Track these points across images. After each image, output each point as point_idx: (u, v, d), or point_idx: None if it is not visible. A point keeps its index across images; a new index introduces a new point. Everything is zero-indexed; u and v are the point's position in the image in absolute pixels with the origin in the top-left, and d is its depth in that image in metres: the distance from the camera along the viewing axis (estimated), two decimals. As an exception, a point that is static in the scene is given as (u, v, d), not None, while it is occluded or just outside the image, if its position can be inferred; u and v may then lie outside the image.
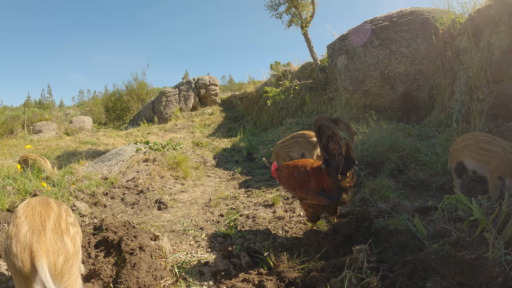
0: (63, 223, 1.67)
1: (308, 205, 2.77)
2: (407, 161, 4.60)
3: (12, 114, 16.05)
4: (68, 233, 1.65)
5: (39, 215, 1.59)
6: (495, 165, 3.08)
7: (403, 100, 6.46)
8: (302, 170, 2.78)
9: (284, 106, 10.59)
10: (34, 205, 1.66)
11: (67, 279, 1.54)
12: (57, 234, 1.57)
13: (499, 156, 3.05)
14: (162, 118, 14.39)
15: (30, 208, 1.63)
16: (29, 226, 1.51)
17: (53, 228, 1.58)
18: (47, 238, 1.50)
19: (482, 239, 2.44)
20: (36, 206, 1.66)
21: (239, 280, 2.19)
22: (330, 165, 2.55)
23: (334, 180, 2.53)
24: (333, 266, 2.05)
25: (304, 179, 2.72)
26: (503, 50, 4.26)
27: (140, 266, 2.21)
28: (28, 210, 1.62)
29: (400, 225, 2.86)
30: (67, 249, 1.57)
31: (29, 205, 1.66)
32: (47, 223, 1.57)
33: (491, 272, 1.98)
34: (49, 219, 1.61)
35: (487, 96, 4.44)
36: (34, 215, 1.59)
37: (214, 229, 3.35)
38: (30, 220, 1.55)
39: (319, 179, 2.64)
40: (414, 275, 1.89)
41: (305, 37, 9.67)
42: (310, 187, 2.66)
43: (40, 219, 1.57)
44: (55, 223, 1.62)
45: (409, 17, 6.31)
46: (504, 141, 3.17)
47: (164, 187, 5.08)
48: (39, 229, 1.51)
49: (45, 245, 1.47)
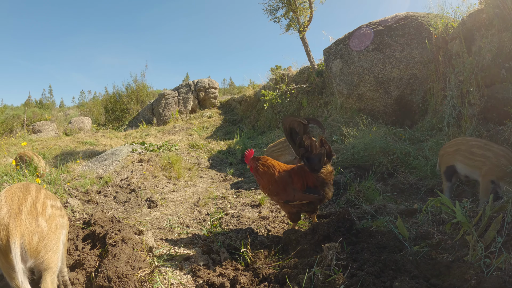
0: (39, 206, 1.82)
1: (292, 206, 2.79)
2: (397, 164, 4.62)
3: (12, 113, 16.15)
4: (44, 215, 1.80)
5: (17, 199, 1.76)
6: (487, 169, 3.10)
7: (397, 104, 6.48)
8: (283, 173, 2.81)
9: (282, 110, 10.63)
10: (14, 190, 1.82)
11: (44, 254, 1.72)
12: (32, 216, 1.74)
13: (491, 161, 3.07)
14: (161, 120, 14.45)
15: (11, 193, 1.79)
16: (8, 209, 1.69)
17: (28, 210, 1.74)
18: (22, 220, 1.68)
19: (464, 242, 2.44)
20: (16, 191, 1.82)
21: (216, 274, 2.23)
22: (311, 160, 2.58)
23: (317, 175, 2.58)
24: (305, 263, 2.07)
25: (287, 181, 2.74)
26: (493, 54, 4.29)
27: (120, 257, 2.29)
28: (9, 194, 1.78)
29: (382, 226, 2.87)
30: (41, 228, 1.74)
31: (10, 190, 1.83)
32: (23, 206, 1.74)
33: (465, 274, 1.99)
34: (26, 202, 1.77)
35: (478, 100, 4.46)
36: (13, 199, 1.76)
37: (200, 227, 3.38)
38: (9, 203, 1.72)
39: (303, 177, 2.67)
40: (383, 274, 1.89)
41: (303, 41, 9.71)
42: (296, 187, 2.69)
43: (18, 203, 1.74)
44: (31, 206, 1.78)
45: (404, 22, 6.35)
46: (496, 145, 3.19)
47: (156, 186, 5.12)
48: (15, 212, 1.69)
49: (20, 226, 1.65)
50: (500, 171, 2.99)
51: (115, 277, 2.08)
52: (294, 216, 2.85)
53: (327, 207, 3.67)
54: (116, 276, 2.08)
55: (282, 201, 2.80)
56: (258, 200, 4.12)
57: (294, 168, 2.79)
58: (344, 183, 4.10)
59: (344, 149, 5.39)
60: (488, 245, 2.22)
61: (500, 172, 2.99)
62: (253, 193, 4.57)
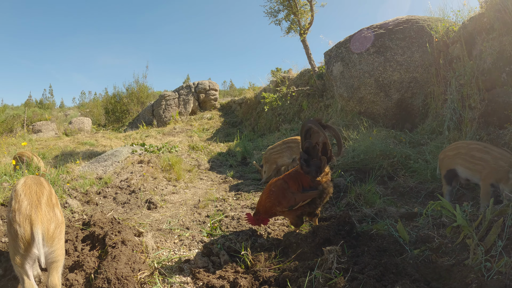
0: (53, 198, 2.07)
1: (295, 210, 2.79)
2: (397, 167, 4.61)
3: (12, 112, 16.13)
4: (58, 206, 2.05)
5: (35, 192, 1.98)
6: (487, 173, 3.09)
7: (397, 108, 6.49)
8: (277, 182, 2.84)
9: (282, 112, 10.64)
10: (30, 185, 2.03)
11: (57, 242, 1.91)
12: (50, 206, 1.97)
13: (489, 164, 3.07)
14: (161, 122, 14.45)
15: (27, 187, 2.00)
16: (28, 201, 1.90)
17: (46, 202, 1.97)
18: (42, 210, 1.89)
19: (465, 246, 2.43)
20: (32, 185, 2.04)
21: (216, 277, 2.22)
22: (310, 165, 2.59)
23: (312, 178, 2.61)
24: (306, 266, 2.06)
25: (284, 187, 2.75)
26: (494, 58, 4.29)
27: (120, 259, 2.29)
28: (26, 188, 1.99)
29: (383, 230, 2.86)
30: (57, 218, 1.97)
31: (26, 185, 2.03)
32: (41, 199, 1.96)
33: (466, 278, 1.98)
34: (43, 195, 2.00)
35: (478, 103, 4.46)
36: (31, 192, 1.97)
37: (199, 229, 3.37)
38: (28, 196, 1.93)
39: (298, 180, 2.69)
40: (384, 278, 1.89)
41: (304, 44, 9.73)
42: (293, 191, 2.69)
43: (36, 196, 1.96)
44: (48, 198, 2.01)
45: (405, 25, 6.36)
46: (495, 148, 3.18)
47: (156, 188, 5.11)
48: (36, 204, 1.90)
49: (41, 215, 1.86)
50: (499, 174, 2.99)
51: (114, 278, 2.08)
52: (297, 220, 2.85)
53: (327, 210, 3.66)
54: (116, 278, 2.08)
55: (286, 209, 2.79)
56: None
57: (288, 174, 2.82)
58: (344, 186, 4.09)
59: (345, 152, 5.38)
60: (489, 248, 2.22)
61: (499, 175, 2.99)
62: (253, 195, 4.57)
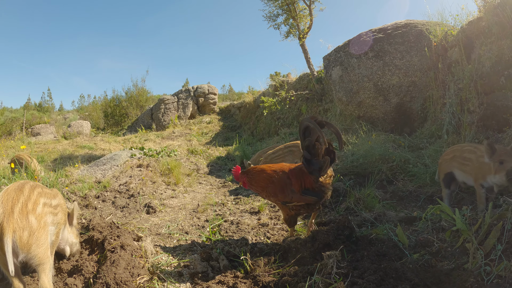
0: (30, 204, 2.04)
1: (290, 208, 2.77)
2: (396, 172, 4.61)
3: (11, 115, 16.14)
4: (34, 213, 2.02)
5: (11, 200, 1.98)
6: (474, 173, 3.07)
7: (396, 112, 6.50)
8: (281, 174, 2.77)
9: (281, 117, 10.65)
10: (10, 192, 2.04)
11: (36, 248, 1.92)
12: (23, 214, 1.95)
13: (473, 163, 3.06)
14: (160, 125, 14.45)
15: (6, 194, 2.01)
16: (3, 209, 1.90)
17: (20, 209, 1.95)
18: (14, 218, 1.88)
19: (464, 250, 2.43)
20: (11, 192, 2.04)
21: (215, 282, 2.20)
22: (313, 164, 2.57)
23: (316, 178, 2.57)
24: (306, 271, 2.05)
25: (286, 182, 2.70)
26: (492, 62, 4.31)
27: (119, 263, 2.27)
28: (5, 196, 1.99)
29: (382, 234, 2.85)
30: (31, 225, 1.94)
31: (6, 192, 2.04)
32: (15, 207, 1.95)
33: (465, 282, 1.98)
34: (18, 202, 1.98)
35: (477, 107, 4.47)
36: (8, 200, 1.97)
37: (199, 234, 3.36)
38: (4, 204, 1.93)
39: (301, 179, 2.65)
40: (383, 283, 1.88)
41: (303, 48, 9.76)
42: (294, 189, 2.67)
43: (11, 203, 1.95)
44: (23, 205, 1.99)
45: (404, 30, 6.40)
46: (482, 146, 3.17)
47: (155, 192, 5.10)
48: (9, 212, 1.90)
49: (12, 224, 1.85)
50: (482, 170, 2.95)
51: (113, 283, 2.06)
52: (291, 219, 2.84)
53: (326, 215, 3.65)
54: (115, 283, 2.07)
55: (280, 202, 2.78)
56: (257, 207, 4.10)
57: (292, 169, 2.77)
58: (343, 190, 4.09)
59: (344, 156, 5.38)
60: (488, 252, 2.21)
61: (483, 171, 2.95)
62: (252, 200, 4.56)
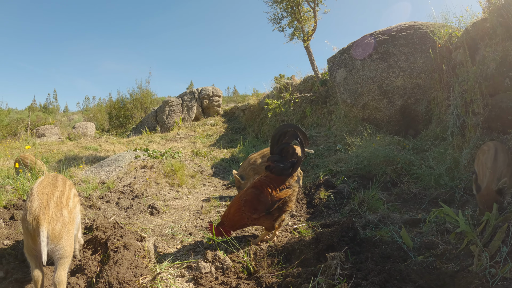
0: (64, 199, 2.21)
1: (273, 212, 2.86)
2: (401, 174, 4.59)
3: (16, 116, 16.30)
4: (67, 207, 2.19)
5: (47, 193, 2.13)
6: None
7: (401, 114, 6.48)
8: (248, 191, 2.90)
9: (285, 119, 10.64)
10: (44, 185, 2.19)
11: (65, 240, 2.05)
12: (58, 208, 2.10)
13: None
14: (165, 127, 14.50)
15: (41, 188, 2.16)
16: (39, 202, 2.05)
17: (55, 203, 2.11)
18: (49, 211, 2.03)
19: (469, 252, 2.42)
20: (46, 186, 2.19)
21: (218, 283, 2.21)
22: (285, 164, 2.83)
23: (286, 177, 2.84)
24: (309, 272, 2.05)
25: (257, 194, 2.83)
26: (497, 63, 4.27)
27: (122, 263, 2.29)
28: (40, 189, 2.14)
29: (386, 236, 2.84)
30: (64, 218, 2.10)
31: (41, 185, 2.19)
32: (51, 200, 2.10)
33: (470, 284, 1.96)
34: (53, 196, 2.14)
35: (482, 109, 4.43)
36: (43, 193, 2.12)
37: (202, 235, 3.36)
38: (40, 197, 2.08)
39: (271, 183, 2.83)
40: (387, 284, 1.87)
41: (307, 50, 9.76)
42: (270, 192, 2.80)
43: (47, 197, 2.10)
44: (57, 199, 2.15)
45: (408, 31, 6.38)
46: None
47: (159, 193, 5.12)
48: (45, 205, 2.04)
49: (48, 216, 2.00)
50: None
51: (116, 283, 2.07)
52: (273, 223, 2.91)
53: (330, 216, 3.64)
54: (118, 282, 2.08)
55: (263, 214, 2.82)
56: (261, 208, 4.09)
57: (255, 182, 2.92)
58: (347, 192, 4.08)
59: (348, 158, 5.37)
60: (493, 254, 2.20)
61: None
62: (256, 201, 4.55)
